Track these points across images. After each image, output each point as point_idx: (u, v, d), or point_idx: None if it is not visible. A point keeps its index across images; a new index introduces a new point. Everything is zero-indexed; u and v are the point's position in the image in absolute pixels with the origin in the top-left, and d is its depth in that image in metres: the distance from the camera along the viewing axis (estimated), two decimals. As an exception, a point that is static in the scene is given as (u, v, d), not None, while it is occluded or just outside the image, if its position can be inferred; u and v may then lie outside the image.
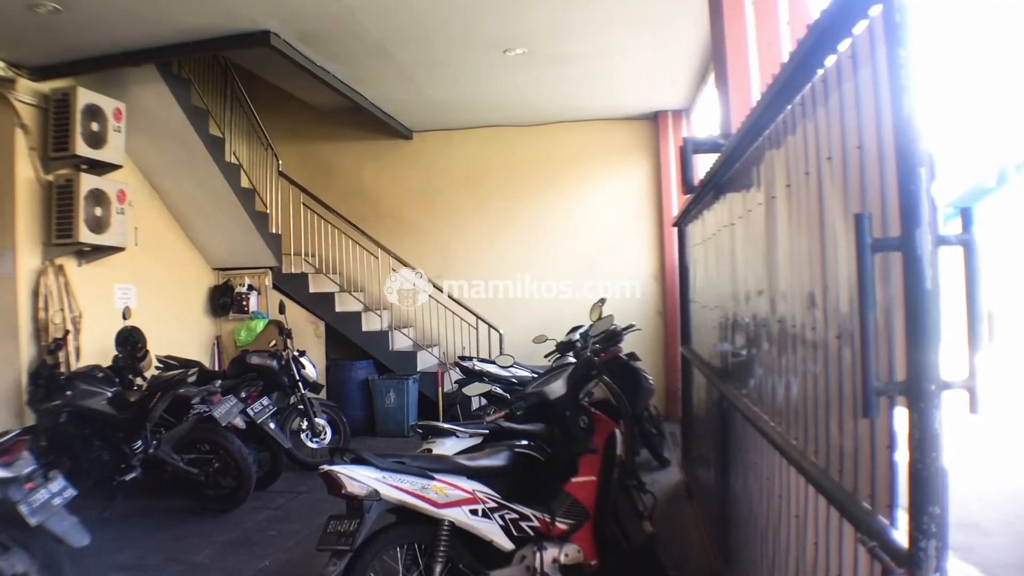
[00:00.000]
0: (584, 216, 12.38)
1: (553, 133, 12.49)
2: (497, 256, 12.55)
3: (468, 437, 5.27)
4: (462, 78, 10.26)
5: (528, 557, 4.57)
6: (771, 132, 3.35)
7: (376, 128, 12.50)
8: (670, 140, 11.91)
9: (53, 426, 7.51)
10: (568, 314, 10.55)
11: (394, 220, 12.86)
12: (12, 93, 8.67)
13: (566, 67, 9.73)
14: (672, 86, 10.69)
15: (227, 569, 6.13)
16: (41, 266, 8.87)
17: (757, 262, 3.73)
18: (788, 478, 3.12)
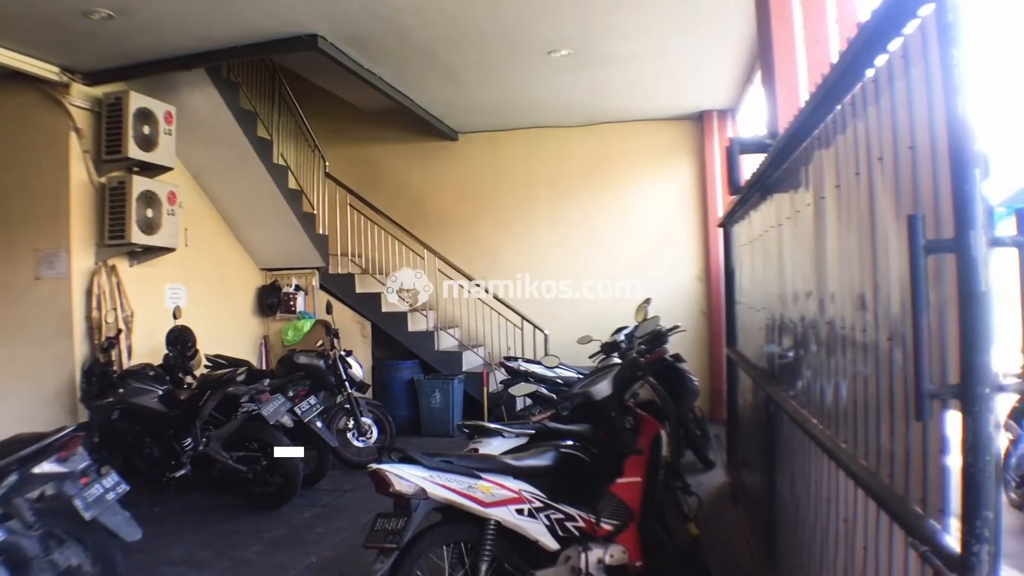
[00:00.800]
0: (629, 217, 12.33)
1: (598, 134, 12.46)
2: (542, 257, 12.54)
3: (514, 437, 5.29)
4: (508, 80, 10.27)
5: (573, 557, 4.56)
6: (820, 132, 3.32)
7: (422, 130, 12.55)
8: (715, 140, 11.81)
9: (106, 423, 7.66)
10: (613, 315, 10.51)
11: (440, 221, 12.91)
12: (67, 98, 8.85)
13: (611, 68, 9.70)
14: (717, 86, 10.61)
15: (274, 565, 6.19)
16: (94, 266, 9.04)
17: (805, 263, 3.70)
18: (837, 481, 3.09)
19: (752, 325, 6.22)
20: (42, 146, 8.98)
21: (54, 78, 8.75)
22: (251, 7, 7.53)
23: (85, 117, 9.02)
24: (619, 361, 6.73)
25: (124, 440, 7.69)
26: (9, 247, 9.06)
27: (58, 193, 8.89)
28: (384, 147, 13.29)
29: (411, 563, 4.21)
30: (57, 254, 8.88)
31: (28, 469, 4.81)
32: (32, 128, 9.04)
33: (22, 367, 9.06)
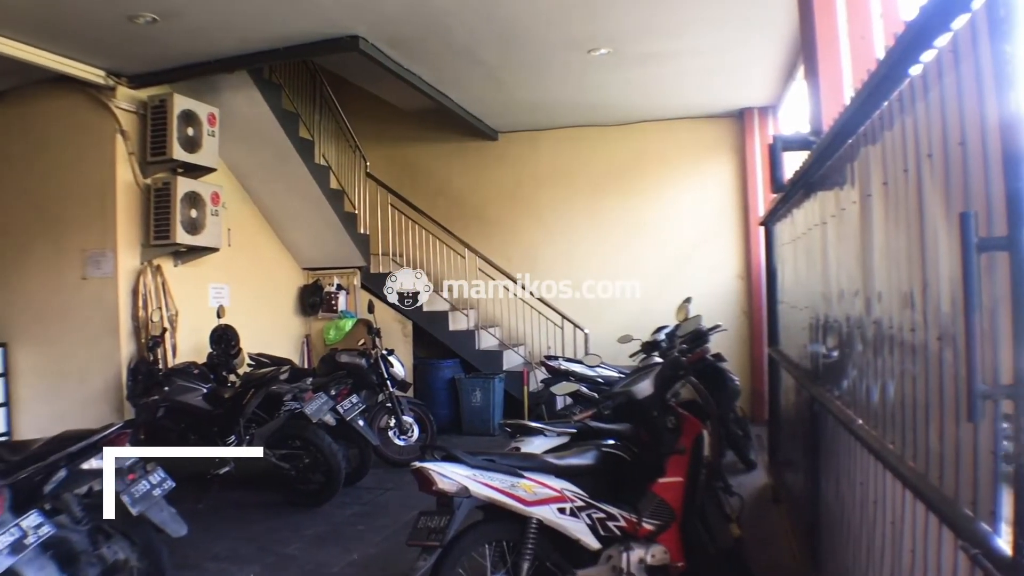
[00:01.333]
0: (669, 215, 12.27)
1: (638, 132, 12.41)
2: (582, 256, 12.52)
3: (555, 436, 5.28)
4: (547, 79, 10.26)
5: (615, 557, 4.54)
6: (867, 128, 3.28)
7: (462, 129, 12.58)
8: (756, 138, 11.71)
9: (151, 420, 7.77)
10: (653, 313, 10.45)
11: (480, 220, 12.93)
12: (112, 101, 8.99)
13: (651, 66, 9.65)
14: (759, 83, 10.51)
15: (317, 562, 6.24)
16: (140, 266, 9.18)
17: (851, 262, 3.65)
18: (883, 483, 3.06)
19: (795, 324, 6.16)
20: (89, 148, 9.15)
21: (100, 81, 8.89)
22: (293, 10, 7.59)
23: (130, 119, 9.16)
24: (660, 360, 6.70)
25: (169, 437, 7.78)
26: (57, 248, 9.25)
27: (104, 194, 9.04)
28: (424, 147, 13.34)
29: (453, 561, 4.22)
30: (103, 254, 9.02)
31: (77, 465, 4.89)
32: (79, 131, 9.21)
33: (70, 365, 9.24)
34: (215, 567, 6.17)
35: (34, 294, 9.48)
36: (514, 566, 4.35)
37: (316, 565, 6.18)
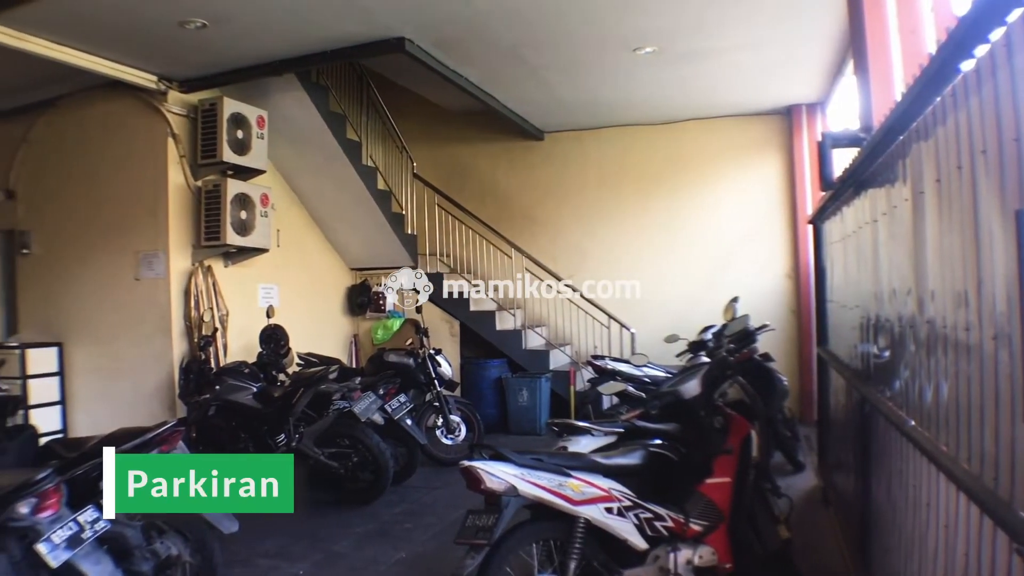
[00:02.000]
0: (715, 214, 12.17)
1: (684, 131, 12.32)
2: (628, 255, 12.47)
3: (602, 435, 5.26)
4: (593, 78, 10.24)
5: (662, 557, 4.51)
6: (919, 124, 3.23)
7: (508, 129, 12.60)
8: (804, 135, 11.56)
9: (202, 419, 7.87)
10: (699, 313, 10.33)
11: (527, 220, 12.94)
12: (164, 105, 9.16)
13: (697, 64, 9.58)
14: (806, 79, 10.39)
15: (365, 559, 6.29)
16: (191, 267, 9.33)
17: (903, 260, 3.60)
18: (936, 485, 3.01)
19: (845, 324, 6.08)
20: (141, 152, 9.33)
21: (152, 86, 9.06)
22: (340, 13, 7.67)
23: (181, 123, 9.32)
24: (707, 360, 6.65)
25: (220, 435, 7.88)
26: (111, 249, 9.44)
27: (156, 197, 9.21)
28: (471, 147, 13.38)
29: (501, 560, 4.22)
30: (156, 255, 9.18)
31: None
32: (132, 135, 9.39)
33: (123, 364, 9.42)
34: (265, 563, 6.24)
35: (89, 295, 9.68)
36: (561, 565, 4.34)
37: (364, 562, 6.23)
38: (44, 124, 10.07)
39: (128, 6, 7.22)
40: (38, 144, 10.14)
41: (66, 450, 5.30)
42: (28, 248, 10.17)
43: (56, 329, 9.90)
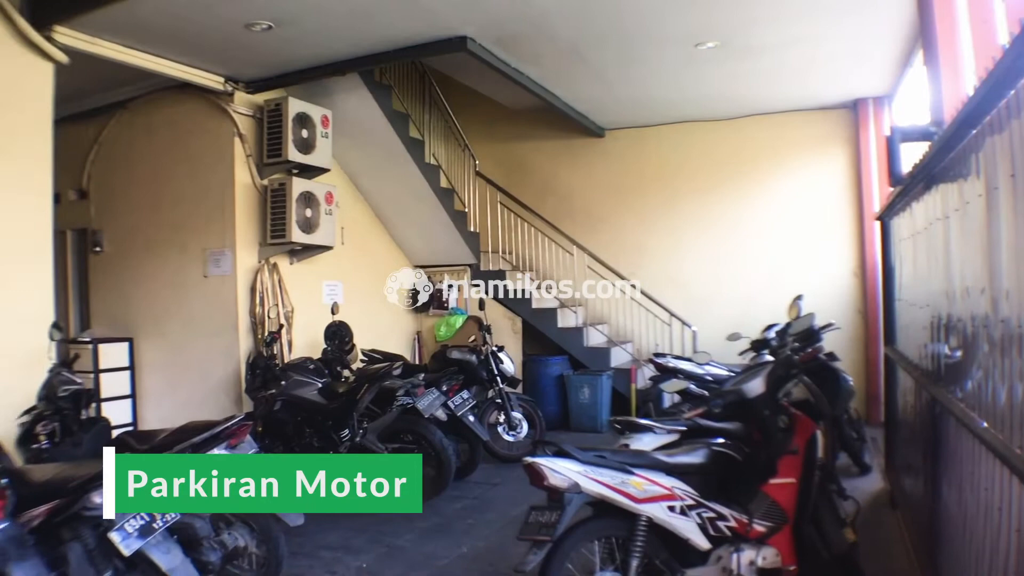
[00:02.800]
0: (778, 211, 12.00)
1: (746, 126, 12.18)
2: (690, 253, 12.39)
3: (665, 433, 5.23)
4: (653, 75, 10.17)
5: (724, 558, 4.47)
6: (992, 117, 3.16)
7: (569, 127, 12.58)
8: (871, 129, 11.33)
9: (268, 413, 7.99)
10: (761, 311, 10.18)
11: (588, 217, 12.91)
12: (231, 105, 9.33)
13: (760, 58, 9.46)
14: (873, 72, 10.18)
15: (427, 554, 6.35)
16: (257, 264, 9.49)
17: (976, 258, 3.52)
18: (1010, 489, 2.94)
19: (914, 323, 5.96)
20: (209, 152, 9.51)
21: (219, 87, 9.23)
22: (403, 13, 7.73)
23: (248, 123, 9.48)
24: (771, 359, 6.58)
25: (285, 430, 8.00)
26: (181, 247, 9.64)
27: (224, 195, 9.38)
28: (532, 145, 13.40)
29: (563, 556, 4.23)
30: (223, 253, 9.35)
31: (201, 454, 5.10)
32: (200, 135, 9.58)
33: (191, 359, 9.62)
34: (329, 556, 6.33)
35: (158, 291, 9.90)
36: (623, 563, 4.33)
37: (425, 557, 6.28)
38: (115, 126, 10.31)
39: (196, 10, 7.36)
40: (109, 145, 10.39)
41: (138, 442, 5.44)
42: (100, 246, 10.44)
43: (127, 325, 10.15)
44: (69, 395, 6.08)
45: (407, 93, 11.38)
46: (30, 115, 7.13)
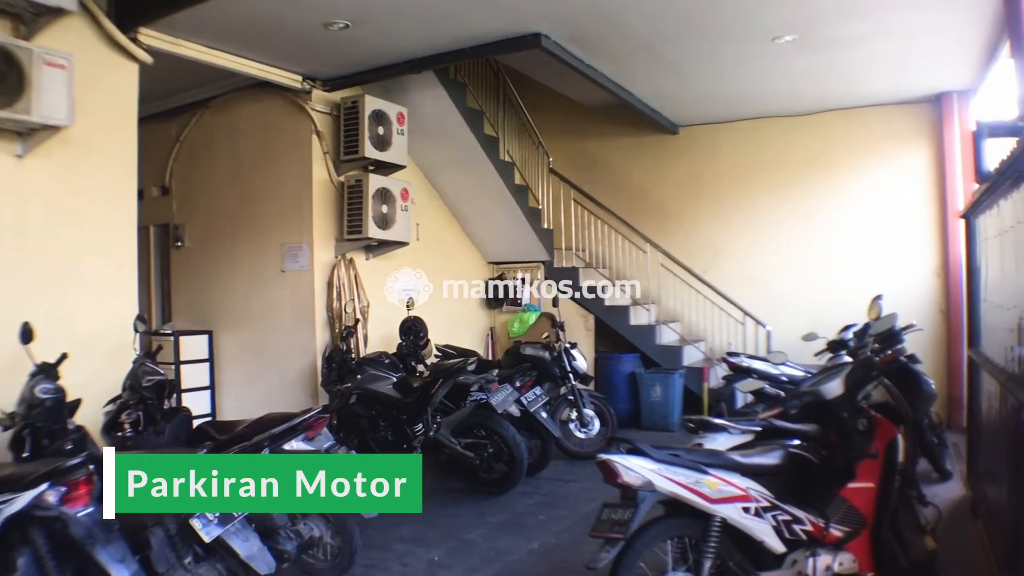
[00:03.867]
0: (857, 208, 11.72)
1: (823, 121, 11.91)
2: (764, 251, 12.21)
3: (739, 434, 5.17)
4: (729, 70, 10.04)
5: (800, 562, 4.39)
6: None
7: (643, 124, 12.49)
8: (955, 124, 10.97)
9: (344, 406, 8.12)
10: (838, 311, 9.96)
11: (661, 215, 12.81)
12: (308, 103, 9.49)
13: (839, 52, 9.25)
14: (957, 65, 9.86)
15: (498, 549, 6.38)
16: (334, 260, 9.65)
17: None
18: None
19: (1000, 325, 5.79)
20: (288, 149, 9.70)
21: (297, 86, 9.40)
22: (478, 10, 7.77)
23: (325, 120, 9.64)
24: (849, 360, 6.46)
25: (360, 423, 8.13)
26: (258, 242, 9.86)
27: (301, 192, 9.56)
28: (605, 142, 13.35)
29: (635, 555, 4.20)
30: (300, 248, 9.52)
31: (279, 445, 5.22)
32: (279, 133, 9.78)
33: (269, 352, 9.83)
34: (401, 548, 6.40)
35: (237, 285, 10.15)
36: (696, 564, 4.29)
37: (497, 552, 6.32)
38: (196, 124, 10.58)
39: (275, 10, 7.51)
40: (190, 143, 10.68)
41: (218, 432, 5.60)
42: (181, 241, 10.73)
43: (206, 318, 10.42)
44: (152, 385, 6.23)
45: (482, 90, 11.44)
46: (117, 114, 7.33)
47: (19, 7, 6.19)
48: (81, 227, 6.96)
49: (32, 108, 6.02)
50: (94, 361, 6.64)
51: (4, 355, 5.80)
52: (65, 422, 5.30)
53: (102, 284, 7.11)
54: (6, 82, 5.87)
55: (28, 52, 6.01)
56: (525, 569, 5.98)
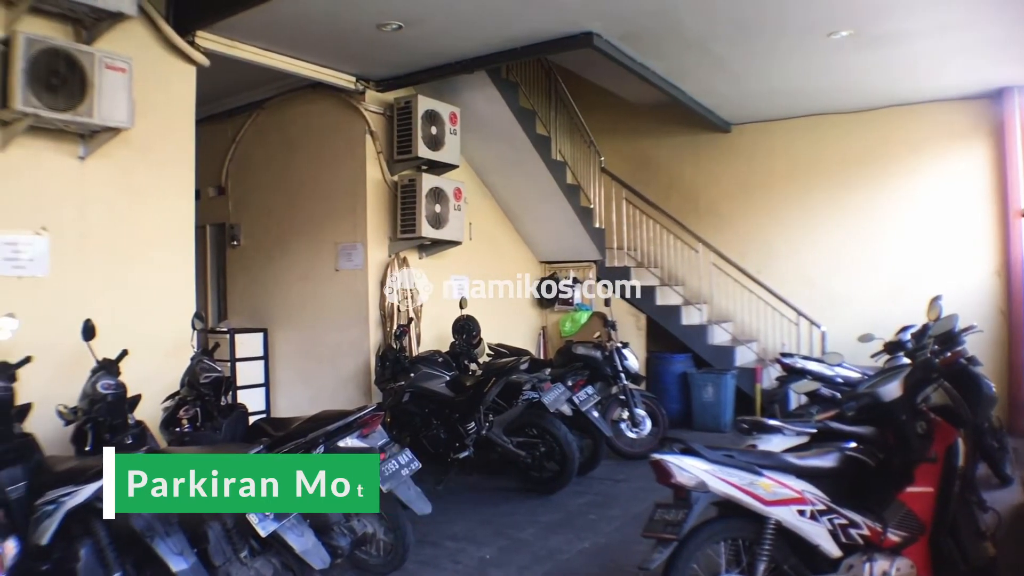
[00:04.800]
0: (913, 206, 11.49)
1: (878, 118, 11.69)
2: (818, 250, 12.04)
3: (794, 435, 5.11)
4: (782, 66, 9.92)
5: (856, 567, 4.31)
6: None
7: (694, 122, 12.41)
8: (1016, 119, 10.69)
9: (397, 404, 8.19)
10: (894, 312, 9.77)
11: (712, 214, 12.72)
12: (361, 104, 9.60)
13: (896, 47, 9.08)
14: (1019, 60, 9.65)
15: (549, 548, 6.38)
16: (388, 259, 9.71)
17: None
18: None
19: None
20: (341, 149, 9.82)
21: (350, 86, 9.51)
22: (531, 10, 7.78)
23: (378, 121, 9.73)
24: (907, 362, 6.36)
25: (413, 422, 8.19)
26: (314, 241, 9.99)
27: (355, 191, 9.65)
28: (656, 141, 13.28)
29: (688, 556, 4.18)
30: (354, 247, 9.62)
31: (334, 442, 5.29)
32: (333, 133, 9.90)
33: (323, 350, 9.95)
34: (453, 546, 6.44)
35: (292, 284, 10.28)
36: (749, 566, 4.25)
37: (548, 551, 6.32)
38: (251, 125, 10.74)
39: (329, 12, 7.61)
40: (245, 143, 10.85)
41: (273, 429, 5.69)
42: (237, 240, 10.91)
43: (262, 315, 10.57)
44: (210, 382, 6.31)
45: (533, 90, 11.46)
46: (175, 116, 7.47)
47: (81, 13, 6.33)
48: (141, 227, 7.09)
49: (94, 111, 6.14)
50: (153, 358, 6.77)
51: (67, 352, 5.94)
52: (126, 417, 5.42)
53: (161, 283, 7.25)
54: (69, 86, 6.01)
55: (90, 56, 6.14)
56: (576, 568, 5.98)
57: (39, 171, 6.36)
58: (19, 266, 6.20)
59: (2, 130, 6.08)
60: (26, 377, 5.21)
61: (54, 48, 5.95)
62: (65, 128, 6.32)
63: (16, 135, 6.07)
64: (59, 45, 6.02)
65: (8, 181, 6.16)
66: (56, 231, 6.43)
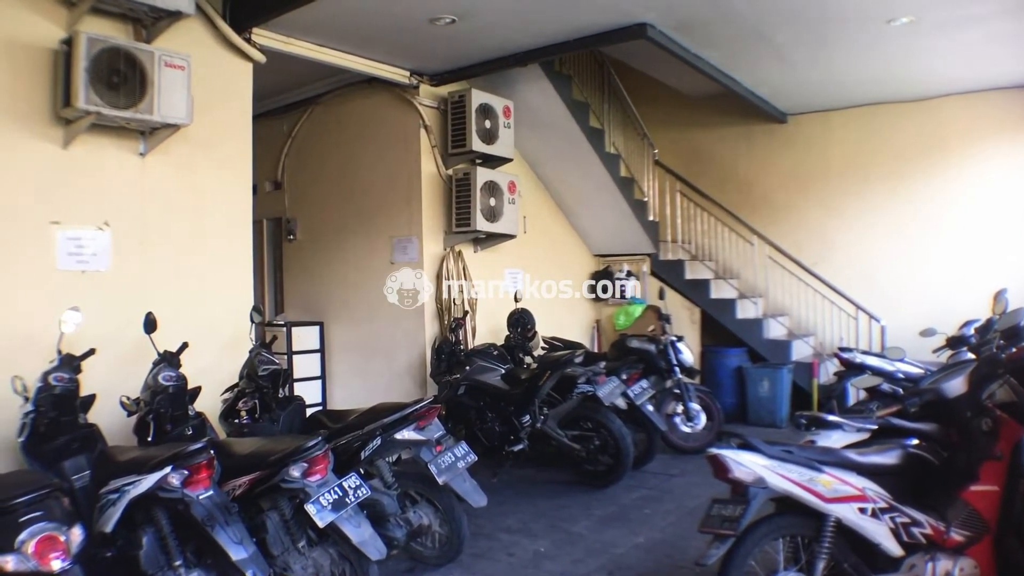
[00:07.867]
0: (975, 197, 11.23)
1: (939, 107, 11.43)
2: (878, 242, 11.84)
3: (854, 432, 5.03)
4: (841, 55, 9.74)
5: (918, 566, 4.23)
6: None
7: (749, 113, 12.28)
8: (1085, 106, 10.47)
9: (452, 397, 8.23)
10: (956, 306, 9.61)
11: (768, 206, 12.57)
12: (416, 98, 9.63)
13: (957, 33, 8.86)
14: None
15: (603, 542, 6.38)
16: (443, 252, 9.77)
17: None
18: None
19: None
20: (396, 143, 9.86)
21: (405, 81, 9.56)
22: (583, 2, 7.73)
23: (432, 115, 9.77)
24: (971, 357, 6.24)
25: (468, 414, 8.21)
26: (370, 234, 10.07)
27: (410, 185, 9.71)
28: (710, 132, 13.16)
29: (746, 552, 4.13)
30: (409, 240, 9.68)
31: (390, 435, 5.35)
32: (386, 127, 9.96)
33: (378, 343, 10.03)
34: (507, 538, 6.48)
35: (347, 277, 10.39)
36: (808, 564, 4.19)
37: (603, 545, 6.32)
38: (307, 120, 10.85)
39: (383, 8, 7.65)
40: (301, 138, 10.96)
41: (331, 421, 5.75)
42: (293, 235, 11.05)
43: (318, 309, 10.69)
44: (268, 375, 6.38)
45: (586, 83, 11.42)
46: (232, 113, 7.57)
47: (140, 12, 6.44)
48: (200, 222, 7.21)
49: (154, 108, 6.24)
50: (213, 350, 6.90)
51: (130, 344, 6.08)
52: (187, 408, 5.53)
53: (220, 276, 7.35)
54: (129, 84, 6.11)
55: (150, 54, 6.24)
56: (631, 563, 5.95)
57: (101, 168, 6.48)
58: (83, 261, 6.34)
59: (65, 128, 6.21)
60: (90, 369, 5.36)
61: (115, 47, 6.05)
62: (126, 125, 6.43)
63: (79, 133, 6.20)
64: (120, 44, 6.11)
65: (71, 178, 6.28)
66: (118, 226, 6.56)
